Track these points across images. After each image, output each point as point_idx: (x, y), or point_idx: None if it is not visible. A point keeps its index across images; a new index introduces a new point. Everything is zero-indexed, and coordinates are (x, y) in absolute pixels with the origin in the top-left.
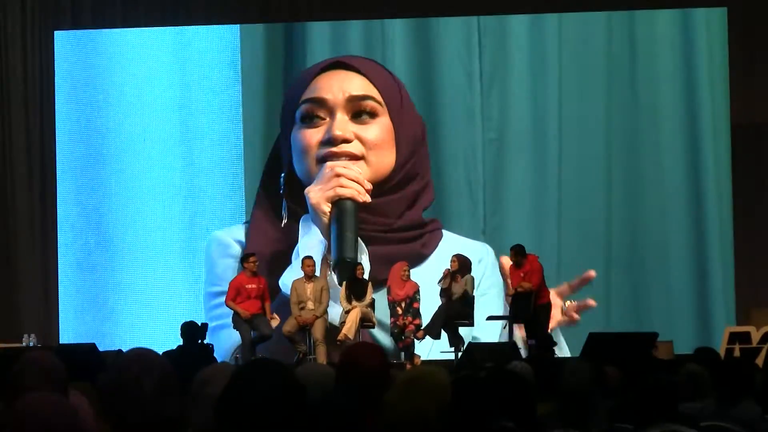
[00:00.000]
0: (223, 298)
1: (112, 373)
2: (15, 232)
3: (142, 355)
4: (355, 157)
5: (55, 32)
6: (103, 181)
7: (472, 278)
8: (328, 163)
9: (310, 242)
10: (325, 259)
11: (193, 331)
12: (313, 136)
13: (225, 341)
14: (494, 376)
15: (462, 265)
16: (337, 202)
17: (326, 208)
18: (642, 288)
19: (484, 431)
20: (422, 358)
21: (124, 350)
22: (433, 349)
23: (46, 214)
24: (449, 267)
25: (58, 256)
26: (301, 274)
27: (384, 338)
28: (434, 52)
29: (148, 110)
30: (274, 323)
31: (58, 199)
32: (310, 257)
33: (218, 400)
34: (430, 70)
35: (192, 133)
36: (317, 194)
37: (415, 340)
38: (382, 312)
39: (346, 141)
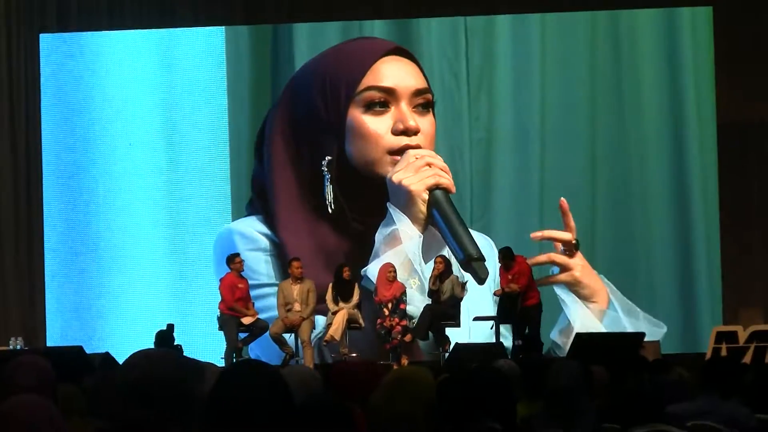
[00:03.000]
0: (258, 291)
1: (121, 372)
2: (0, 235)
3: (150, 355)
4: (420, 149)
5: (41, 35)
6: (89, 184)
7: (457, 278)
8: (412, 152)
9: (408, 231)
10: (408, 263)
11: (164, 339)
12: (380, 123)
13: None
14: (477, 375)
15: (447, 267)
16: (432, 193)
17: (426, 196)
18: (628, 288)
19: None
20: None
21: (111, 352)
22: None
23: (32, 217)
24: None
25: (45, 259)
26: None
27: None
28: (420, 53)
29: (134, 113)
30: (250, 320)
31: (44, 202)
32: (297, 259)
33: (205, 400)
34: None
35: (178, 136)
36: (415, 182)
37: (404, 342)
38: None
39: (416, 132)
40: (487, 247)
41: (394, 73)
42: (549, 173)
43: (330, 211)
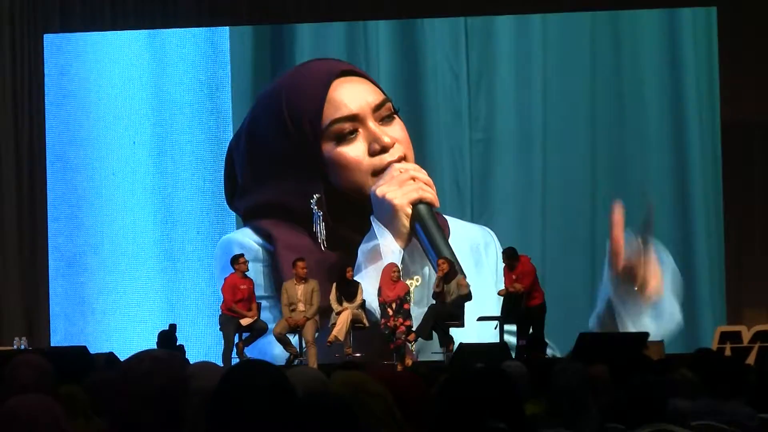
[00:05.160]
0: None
1: (121, 371)
2: (4, 235)
3: (153, 356)
4: (403, 159)
5: (44, 35)
6: (93, 183)
7: (463, 277)
8: (397, 165)
9: (389, 246)
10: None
11: (167, 339)
12: (356, 150)
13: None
14: (483, 376)
15: (451, 268)
16: (416, 207)
17: (409, 210)
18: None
19: None
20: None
21: (115, 352)
22: (424, 350)
23: (36, 217)
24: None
25: (48, 260)
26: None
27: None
28: (421, 53)
29: (137, 113)
30: (248, 321)
31: (47, 202)
32: (302, 259)
33: (209, 400)
34: (416, 71)
35: (181, 136)
36: (399, 196)
37: (407, 343)
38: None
39: (393, 145)
40: (488, 237)
41: (350, 97)
42: (550, 173)
43: (323, 248)
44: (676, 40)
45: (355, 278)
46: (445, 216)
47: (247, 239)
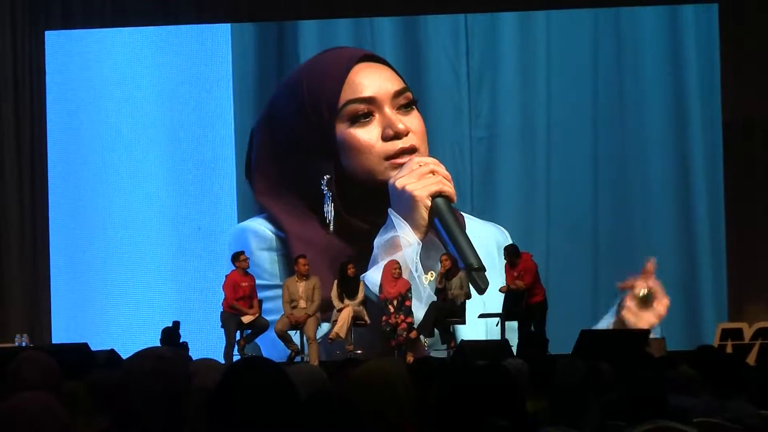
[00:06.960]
0: (269, 292)
1: (124, 369)
2: (6, 233)
3: (157, 354)
4: (415, 149)
5: (46, 32)
6: (94, 180)
7: (464, 273)
8: (416, 159)
9: (407, 237)
10: (407, 270)
11: (170, 336)
12: (370, 133)
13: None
14: (484, 373)
15: (454, 264)
16: (435, 200)
17: (429, 202)
18: None
19: (477, 430)
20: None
21: (116, 350)
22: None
23: (37, 214)
24: (441, 267)
25: (50, 256)
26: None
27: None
28: (422, 51)
29: (138, 110)
30: (250, 318)
31: (49, 199)
32: (303, 256)
33: (211, 397)
34: (418, 68)
35: (183, 132)
36: (419, 188)
37: (409, 339)
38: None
39: (407, 134)
40: (501, 239)
41: (370, 81)
42: (551, 170)
43: (331, 229)
44: (677, 36)
45: (370, 270)
46: (462, 213)
47: (261, 227)
